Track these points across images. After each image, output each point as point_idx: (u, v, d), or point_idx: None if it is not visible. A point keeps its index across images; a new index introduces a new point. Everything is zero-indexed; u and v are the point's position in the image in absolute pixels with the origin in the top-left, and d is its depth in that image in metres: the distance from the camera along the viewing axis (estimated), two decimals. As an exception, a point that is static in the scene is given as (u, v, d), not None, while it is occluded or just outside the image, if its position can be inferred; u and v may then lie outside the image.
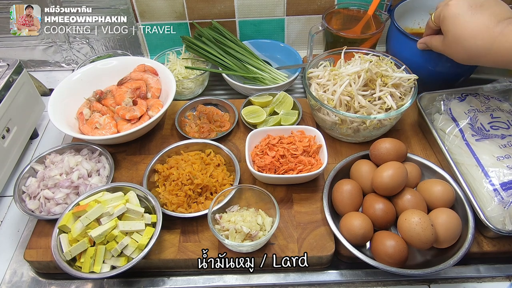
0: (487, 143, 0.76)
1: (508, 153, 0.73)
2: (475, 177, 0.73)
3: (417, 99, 0.87)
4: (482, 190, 0.70)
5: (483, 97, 0.87)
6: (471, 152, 0.76)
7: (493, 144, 0.75)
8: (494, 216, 0.67)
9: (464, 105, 0.85)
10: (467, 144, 0.77)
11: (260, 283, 0.69)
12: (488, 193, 0.69)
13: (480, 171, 0.72)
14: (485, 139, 0.77)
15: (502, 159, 0.72)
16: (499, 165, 0.72)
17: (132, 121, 0.88)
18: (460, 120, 0.82)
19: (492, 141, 0.76)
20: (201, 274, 0.71)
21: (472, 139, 0.77)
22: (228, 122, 0.93)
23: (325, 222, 0.71)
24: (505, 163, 0.72)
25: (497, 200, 0.68)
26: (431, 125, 0.83)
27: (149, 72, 0.98)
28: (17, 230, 0.79)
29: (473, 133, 0.78)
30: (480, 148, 0.76)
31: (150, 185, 0.78)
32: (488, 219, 0.67)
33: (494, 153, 0.74)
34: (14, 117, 0.86)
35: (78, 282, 0.70)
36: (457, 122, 0.82)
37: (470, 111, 0.83)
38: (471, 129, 0.79)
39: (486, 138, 0.77)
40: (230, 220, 0.69)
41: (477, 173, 0.73)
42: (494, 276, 0.70)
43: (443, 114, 0.85)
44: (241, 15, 1.11)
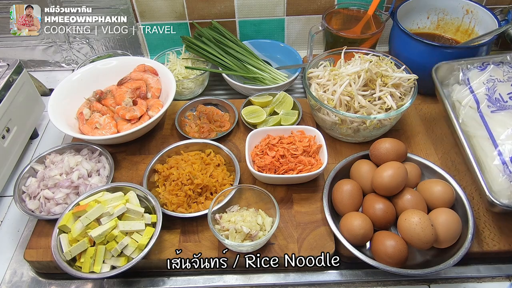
0: (503, 115, 0.72)
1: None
2: (485, 150, 0.71)
3: (433, 70, 0.84)
4: (490, 164, 0.68)
5: (507, 66, 0.81)
6: (484, 124, 0.72)
7: (510, 116, 0.72)
8: (501, 191, 0.66)
9: (484, 75, 0.80)
10: (481, 116, 0.74)
11: (260, 283, 0.69)
12: (497, 167, 0.68)
13: (491, 143, 0.70)
14: (501, 111, 0.72)
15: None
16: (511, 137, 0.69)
17: (132, 121, 0.88)
18: (477, 90, 0.77)
19: (509, 112, 0.72)
20: (201, 274, 0.71)
21: (487, 111, 0.74)
22: (228, 122, 0.93)
23: (325, 222, 0.71)
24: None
25: (505, 174, 0.66)
26: (443, 95, 0.80)
27: (149, 72, 0.98)
28: (17, 230, 0.79)
29: (489, 104, 0.74)
30: (494, 120, 0.72)
31: (150, 185, 0.78)
32: (494, 194, 0.65)
33: (509, 126, 0.70)
34: (14, 117, 0.86)
35: (78, 282, 0.70)
36: (474, 93, 0.77)
37: (489, 81, 0.78)
38: (487, 99, 0.75)
39: (502, 110, 0.73)
40: (230, 220, 0.69)
41: (487, 146, 0.70)
42: (494, 276, 0.70)
43: (462, 84, 0.81)
44: (241, 15, 1.11)
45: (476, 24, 0.99)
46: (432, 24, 1.06)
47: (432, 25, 1.06)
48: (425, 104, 0.98)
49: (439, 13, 1.04)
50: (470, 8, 0.99)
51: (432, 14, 1.05)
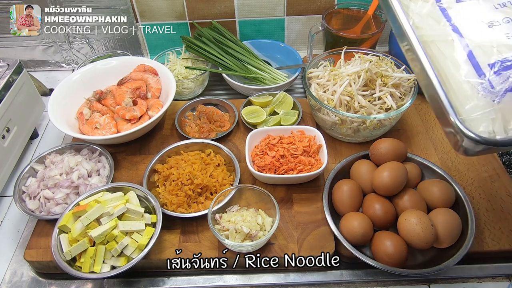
0: (473, 3, 0.48)
1: (509, 15, 0.46)
2: (449, 58, 0.48)
3: None
4: (459, 77, 0.46)
5: None
6: (447, 20, 0.49)
7: (483, 4, 0.48)
8: (477, 117, 0.43)
9: None
10: (442, 9, 0.51)
11: (260, 283, 0.69)
12: (469, 81, 0.45)
13: (460, 46, 0.47)
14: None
15: (498, 25, 0.46)
16: (491, 36, 0.45)
17: (132, 121, 0.88)
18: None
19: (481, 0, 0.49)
20: (201, 274, 0.71)
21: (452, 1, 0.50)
22: (228, 122, 0.93)
23: (325, 222, 0.71)
24: (501, 31, 0.45)
25: (482, 90, 0.44)
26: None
27: (149, 72, 0.98)
28: (17, 230, 0.79)
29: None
30: (460, 12, 0.49)
31: (150, 185, 0.78)
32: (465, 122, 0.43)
33: (485, 18, 0.47)
34: (14, 117, 0.86)
35: (78, 282, 0.70)
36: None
37: None
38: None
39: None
40: (230, 220, 0.69)
41: (453, 52, 0.48)
42: (494, 276, 0.70)
43: None
44: (241, 15, 1.11)
45: (476, 24, 0.98)
46: (432, 24, 1.06)
47: (432, 25, 1.06)
48: (425, 104, 0.98)
49: (439, 13, 1.04)
50: (470, 8, 0.98)
51: (432, 14, 1.05)
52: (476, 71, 0.44)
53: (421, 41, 0.50)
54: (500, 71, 0.43)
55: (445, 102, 0.44)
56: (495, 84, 0.43)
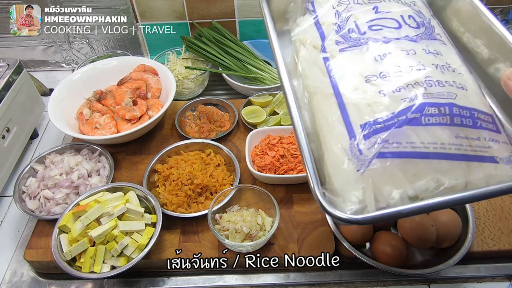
0: (355, 54, 0.44)
1: (386, 69, 0.41)
2: (326, 114, 0.43)
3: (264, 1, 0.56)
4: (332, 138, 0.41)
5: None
6: (327, 71, 0.45)
7: (365, 55, 0.43)
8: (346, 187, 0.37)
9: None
10: (324, 59, 0.46)
11: (260, 283, 0.69)
12: (341, 144, 0.39)
13: (335, 102, 0.42)
14: (353, 48, 0.45)
15: (374, 80, 0.40)
16: (366, 91, 0.40)
17: (132, 121, 0.88)
18: (324, 19, 0.50)
19: (365, 50, 0.44)
20: (201, 274, 0.71)
21: (334, 49, 0.46)
22: (228, 122, 0.93)
23: (325, 222, 0.71)
24: (376, 87, 0.40)
25: (351, 155, 0.38)
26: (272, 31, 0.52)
27: (149, 72, 0.98)
28: (17, 230, 0.79)
29: (338, 38, 0.46)
30: (341, 63, 0.45)
31: (150, 185, 0.78)
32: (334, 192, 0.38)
33: (364, 70, 0.42)
34: (14, 117, 0.86)
35: (78, 282, 0.70)
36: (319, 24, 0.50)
37: (341, 3, 0.50)
38: (336, 32, 0.47)
39: (356, 46, 0.45)
40: (230, 220, 0.69)
41: (330, 108, 0.42)
42: (494, 276, 0.70)
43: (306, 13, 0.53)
44: (241, 15, 1.11)
45: (476, 24, 0.98)
46: (432, 24, 1.06)
47: (432, 25, 1.06)
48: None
49: (439, 13, 1.04)
50: (470, 8, 0.98)
51: (432, 14, 1.05)
52: (348, 132, 0.39)
53: (307, 91, 0.47)
54: (369, 135, 0.37)
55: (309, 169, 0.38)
56: (363, 150, 0.37)
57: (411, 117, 0.35)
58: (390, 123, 0.36)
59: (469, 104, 0.37)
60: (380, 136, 0.36)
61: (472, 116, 0.36)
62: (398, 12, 0.46)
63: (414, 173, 0.35)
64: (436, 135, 0.35)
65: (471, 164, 0.36)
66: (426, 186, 0.35)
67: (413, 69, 0.39)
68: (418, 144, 0.35)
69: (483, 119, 0.37)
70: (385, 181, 0.35)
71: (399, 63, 0.40)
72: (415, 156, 0.35)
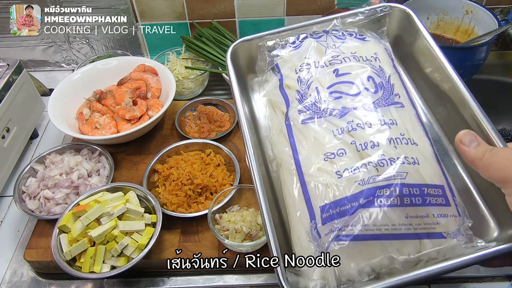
0: (316, 128, 0.43)
1: (344, 145, 0.41)
2: (290, 190, 0.43)
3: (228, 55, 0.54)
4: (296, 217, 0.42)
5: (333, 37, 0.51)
6: (290, 144, 0.44)
7: (325, 130, 0.43)
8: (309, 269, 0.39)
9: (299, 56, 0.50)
10: (288, 129, 0.45)
11: (260, 283, 0.69)
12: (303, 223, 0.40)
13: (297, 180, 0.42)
14: (314, 120, 0.44)
15: (332, 158, 0.40)
16: (325, 170, 0.40)
17: (132, 121, 0.88)
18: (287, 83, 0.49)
19: (325, 124, 0.43)
20: (201, 274, 0.71)
21: (297, 119, 0.45)
22: (228, 122, 0.93)
23: (325, 222, 0.71)
24: (334, 166, 0.40)
25: (312, 238, 0.39)
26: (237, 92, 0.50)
27: (149, 72, 0.98)
28: (17, 230, 0.79)
29: (300, 108, 0.45)
30: (303, 136, 0.44)
31: (150, 185, 0.78)
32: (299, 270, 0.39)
33: (324, 147, 0.41)
34: (14, 117, 0.86)
35: (78, 282, 0.70)
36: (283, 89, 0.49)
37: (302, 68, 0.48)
38: (298, 101, 0.46)
39: (316, 118, 0.44)
40: (230, 220, 0.69)
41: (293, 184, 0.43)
42: (494, 276, 0.70)
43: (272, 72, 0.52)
44: (241, 15, 1.11)
45: (476, 24, 0.99)
46: (432, 24, 1.06)
47: (432, 25, 1.06)
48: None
49: (439, 13, 1.04)
50: (470, 8, 0.99)
51: (432, 15, 1.05)
52: (309, 213, 0.40)
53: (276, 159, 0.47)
54: (326, 220, 0.38)
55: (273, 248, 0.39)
56: (321, 234, 0.38)
57: (364, 202, 0.37)
58: (345, 208, 0.37)
59: (419, 180, 0.39)
60: (336, 222, 0.37)
61: (421, 194, 0.38)
62: (358, 74, 0.46)
63: (368, 252, 0.37)
64: (388, 216, 0.37)
65: (422, 240, 0.38)
66: (380, 263, 0.37)
67: (368, 147, 0.40)
68: (371, 226, 0.36)
69: (433, 194, 0.38)
70: (343, 259, 0.37)
71: (355, 139, 0.41)
72: (368, 239, 0.37)
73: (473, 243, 0.38)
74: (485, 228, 0.44)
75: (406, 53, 0.56)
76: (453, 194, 0.40)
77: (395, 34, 0.57)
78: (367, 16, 0.53)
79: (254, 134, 0.52)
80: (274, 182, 0.49)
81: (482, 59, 0.89)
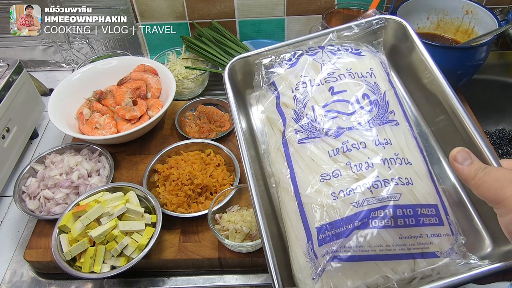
0: (312, 148, 0.44)
1: (339, 167, 0.42)
2: (288, 210, 0.44)
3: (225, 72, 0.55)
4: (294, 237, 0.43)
5: (328, 53, 0.50)
6: (288, 165, 0.45)
7: (321, 150, 0.44)
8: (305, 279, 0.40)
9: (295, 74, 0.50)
10: (285, 148, 0.46)
11: (260, 283, 0.69)
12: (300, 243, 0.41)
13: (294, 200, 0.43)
14: (311, 140, 0.44)
15: (328, 179, 0.41)
16: (321, 192, 0.41)
17: (132, 121, 0.88)
18: (284, 101, 0.49)
19: (321, 142, 0.44)
20: (201, 274, 0.71)
21: (293, 139, 0.45)
22: (228, 122, 0.93)
23: (325, 222, 0.71)
24: (330, 187, 0.41)
25: (308, 258, 0.40)
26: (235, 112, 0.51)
27: (149, 72, 0.98)
28: (17, 230, 0.79)
29: (297, 127, 0.46)
30: (300, 156, 0.45)
31: (150, 185, 0.78)
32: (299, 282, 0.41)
33: (320, 168, 0.42)
34: (14, 117, 0.86)
35: (78, 282, 0.70)
36: (280, 108, 0.49)
37: (298, 86, 0.48)
38: (295, 120, 0.46)
39: (313, 138, 0.45)
40: (230, 220, 0.69)
41: (290, 204, 0.44)
42: (494, 276, 0.70)
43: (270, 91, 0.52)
44: (241, 15, 1.11)
45: (476, 24, 0.99)
46: (432, 24, 1.06)
47: (432, 25, 1.06)
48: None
49: (439, 13, 1.04)
50: (470, 8, 0.99)
51: (432, 14, 1.05)
52: (306, 234, 0.41)
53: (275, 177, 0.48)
54: (323, 241, 0.39)
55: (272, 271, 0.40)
56: (318, 255, 0.39)
57: (359, 224, 0.38)
58: (341, 230, 0.38)
59: (413, 201, 0.39)
60: (332, 244, 0.38)
61: (415, 214, 0.39)
62: (353, 91, 0.46)
63: (364, 272, 0.38)
64: (382, 237, 0.38)
65: (416, 260, 0.39)
66: (376, 282, 0.38)
67: (363, 168, 0.41)
68: (366, 247, 0.37)
69: (426, 214, 0.39)
70: (340, 278, 0.38)
71: (350, 159, 0.42)
72: (364, 259, 0.38)
73: (467, 259, 0.39)
74: (479, 242, 0.45)
75: (402, 64, 0.57)
76: (446, 212, 0.41)
77: (391, 44, 0.57)
78: (363, 29, 0.53)
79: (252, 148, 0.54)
80: (273, 197, 0.50)
81: (482, 59, 0.90)
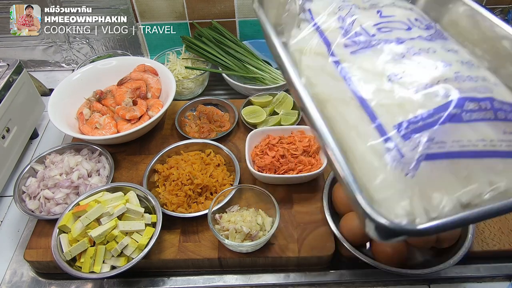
0: (369, 55, 0.41)
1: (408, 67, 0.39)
2: (348, 120, 0.40)
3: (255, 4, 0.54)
4: (362, 144, 0.37)
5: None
6: (341, 75, 0.42)
7: (380, 56, 0.41)
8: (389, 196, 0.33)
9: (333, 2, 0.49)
10: (335, 62, 0.43)
11: (260, 283, 0.69)
12: (374, 148, 0.35)
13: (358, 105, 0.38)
14: (366, 49, 0.42)
15: (399, 78, 0.38)
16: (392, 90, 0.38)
17: (132, 121, 0.88)
18: (325, 25, 0.47)
19: (379, 51, 0.41)
20: (201, 274, 0.71)
21: (344, 52, 0.43)
22: (228, 122, 0.93)
23: (325, 222, 0.71)
24: (403, 84, 0.37)
25: (390, 160, 0.33)
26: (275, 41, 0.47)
27: (149, 72, 0.98)
28: (17, 230, 0.79)
29: (346, 41, 0.44)
30: (355, 65, 0.42)
31: (150, 185, 0.78)
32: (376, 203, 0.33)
33: (384, 70, 0.39)
34: (14, 117, 0.86)
35: (78, 282, 0.70)
36: (321, 31, 0.47)
37: (341, 9, 0.47)
38: (343, 35, 0.45)
39: (368, 48, 0.42)
40: (230, 220, 0.69)
41: (352, 112, 0.39)
42: (494, 276, 0.70)
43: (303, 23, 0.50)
44: (241, 15, 1.11)
45: (476, 24, 0.99)
46: (432, 24, 1.06)
47: (432, 25, 1.06)
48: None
49: (439, 13, 1.04)
50: (470, 8, 0.99)
51: (432, 14, 1.05)
52: (380, 134, 0.35)
53: (316, 100, 0.41)
54: (408, 135, 0.33)
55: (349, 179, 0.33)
56: (405, 152, 0.32)
57: (453, 113, 0.31)
58: (430, 121, 0.32)
59: (508, 98, 0.34)
60: (422, 135, 0.31)
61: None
62: (404, 15, 0.44)
63: (466, 175, 0.31)
64: (482, 131, 0.31)
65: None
66: (480, 191, 0.31)
67: (439, 67, 0.35)
68: (465, 142, 0.31)
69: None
70: (435, 187, 0.31)
71: (421, 61, 0.37)
72: (465, 156, 0.31)
73: None
74: None
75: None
76: None
77: None
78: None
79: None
80: None
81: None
